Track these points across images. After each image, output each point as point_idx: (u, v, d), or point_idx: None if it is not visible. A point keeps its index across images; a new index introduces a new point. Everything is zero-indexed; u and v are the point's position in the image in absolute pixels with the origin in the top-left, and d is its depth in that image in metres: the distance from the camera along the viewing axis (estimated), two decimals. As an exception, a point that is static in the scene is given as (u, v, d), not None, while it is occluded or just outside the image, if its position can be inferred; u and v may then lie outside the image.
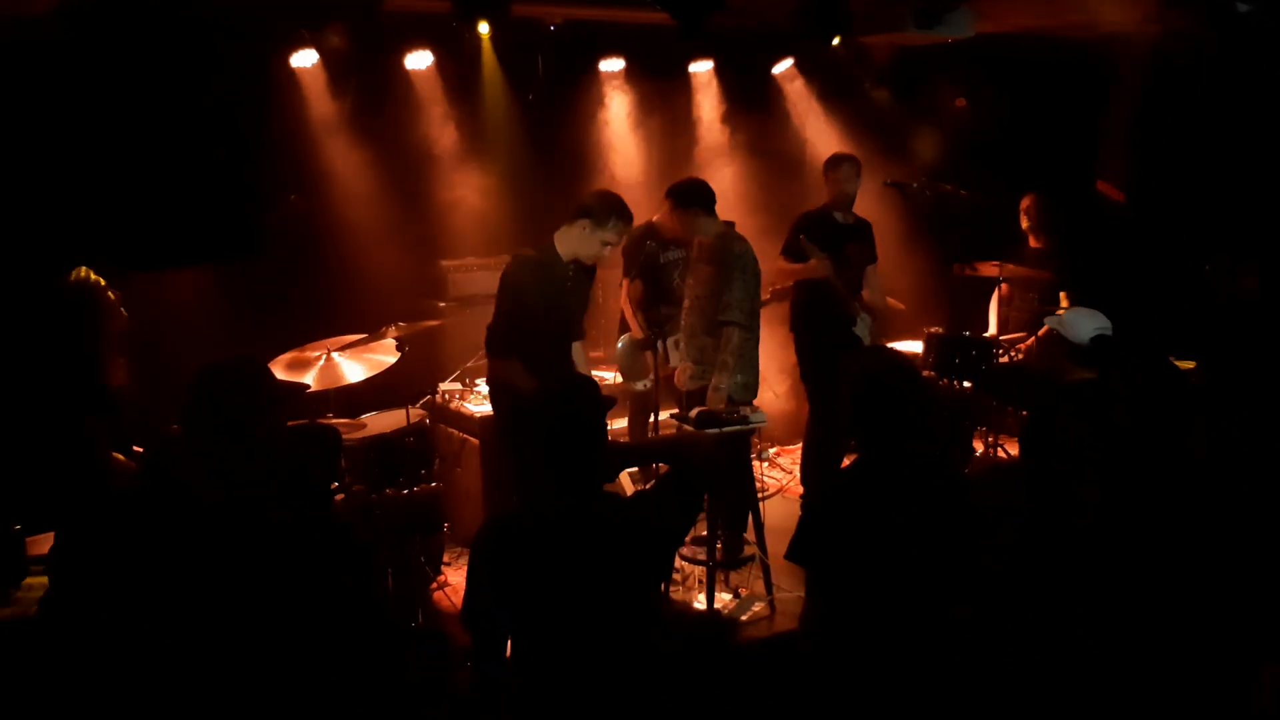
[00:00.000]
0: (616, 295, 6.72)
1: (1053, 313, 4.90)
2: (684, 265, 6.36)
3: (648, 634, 2.99)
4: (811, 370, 6.53)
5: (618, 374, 6.69)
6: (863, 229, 6.63)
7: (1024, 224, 7.39)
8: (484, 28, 6.29)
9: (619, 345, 6.44)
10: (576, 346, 5.61)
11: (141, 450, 4.37)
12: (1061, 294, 6.91)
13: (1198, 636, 3.09)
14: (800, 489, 6.85)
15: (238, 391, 2.89)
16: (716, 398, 5.48)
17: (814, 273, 6.29)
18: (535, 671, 2.96)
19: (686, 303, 5.82)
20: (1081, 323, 4.51)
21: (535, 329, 5.12)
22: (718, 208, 5.76)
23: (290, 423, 3.48)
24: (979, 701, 3.16)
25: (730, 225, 5.76)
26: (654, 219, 6.35)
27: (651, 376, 5.74)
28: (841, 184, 6.41)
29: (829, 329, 6.34)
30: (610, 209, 5.14)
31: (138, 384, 4.83)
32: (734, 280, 5.47)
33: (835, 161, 6.50)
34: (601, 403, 3.18)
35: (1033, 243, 7.34)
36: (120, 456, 4.47)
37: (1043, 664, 3.20)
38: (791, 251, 6.37)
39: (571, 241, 5.20)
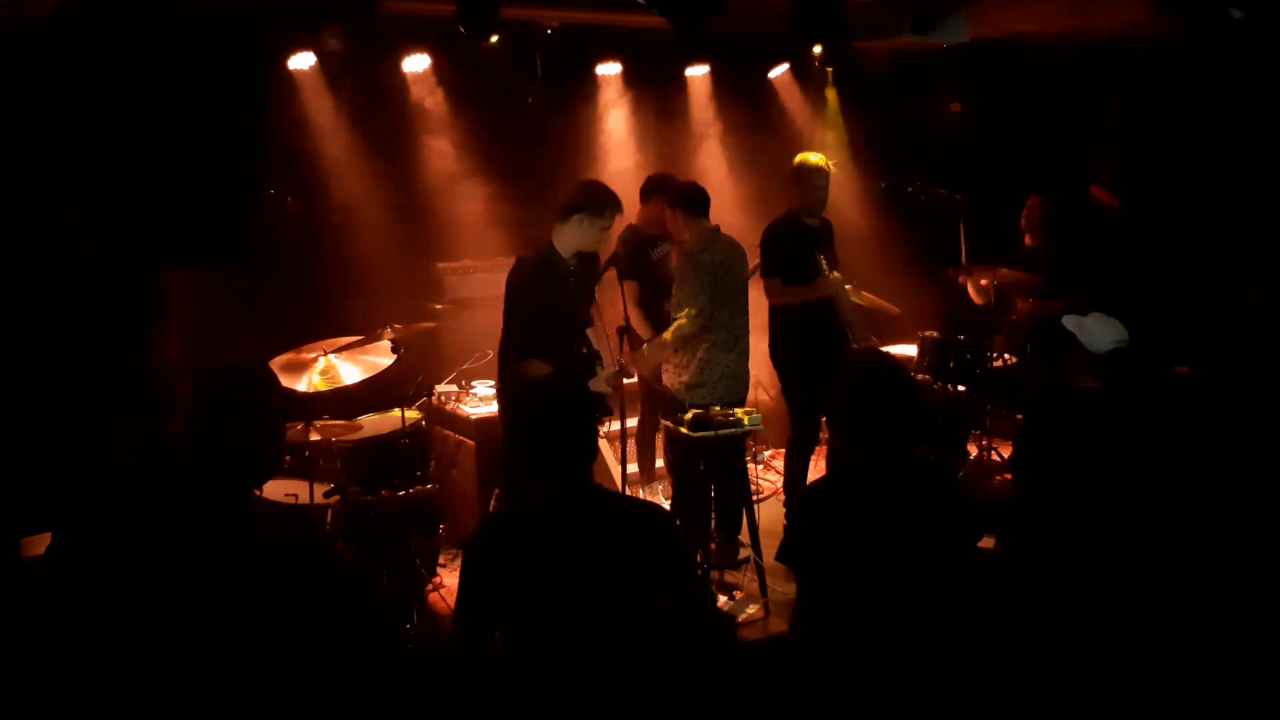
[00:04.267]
0: (613, 299, 6.73)
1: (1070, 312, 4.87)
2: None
3: (644, 630, 3.00)
4: (800, 385, 6.30)
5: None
6: (829, 230, 6.48)
7: (1024, 223, 7.33)
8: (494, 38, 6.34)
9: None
10: (589, 332, 5.70)
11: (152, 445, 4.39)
12: (1076, 298, 6.82)
13: (1195, 640, 3.11)
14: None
15: (246, 397, 2.91)
16: (652, 354, 5.81)
17: (822, 295, 6.23)
18: (529, 668, 2.98)
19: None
20: (1101, 332, 4.48)
21: (549, 326, 5.25)
22: (713, 212, 5.81)
23: None
24: (972, 701, 3.17)
25: (712, 229, 5.77)
26: (634, 221, 6.45)
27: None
28: (818, 191, 6.21)
29: (825, 347, 6.17)
30: (604, 198, 5.33)
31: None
32: (684, 280, 5.71)
33: (810, 167, 6.24)
34: (591, 400, 3.21)
35: (1028, 241, 7.31)
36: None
37: (1038, 664, 3.21)
38: (785, 270, 6.20)
39: (571, 237, 5.34)
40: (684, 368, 5.71)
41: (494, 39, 6.23)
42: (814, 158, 6.39)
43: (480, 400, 6.40)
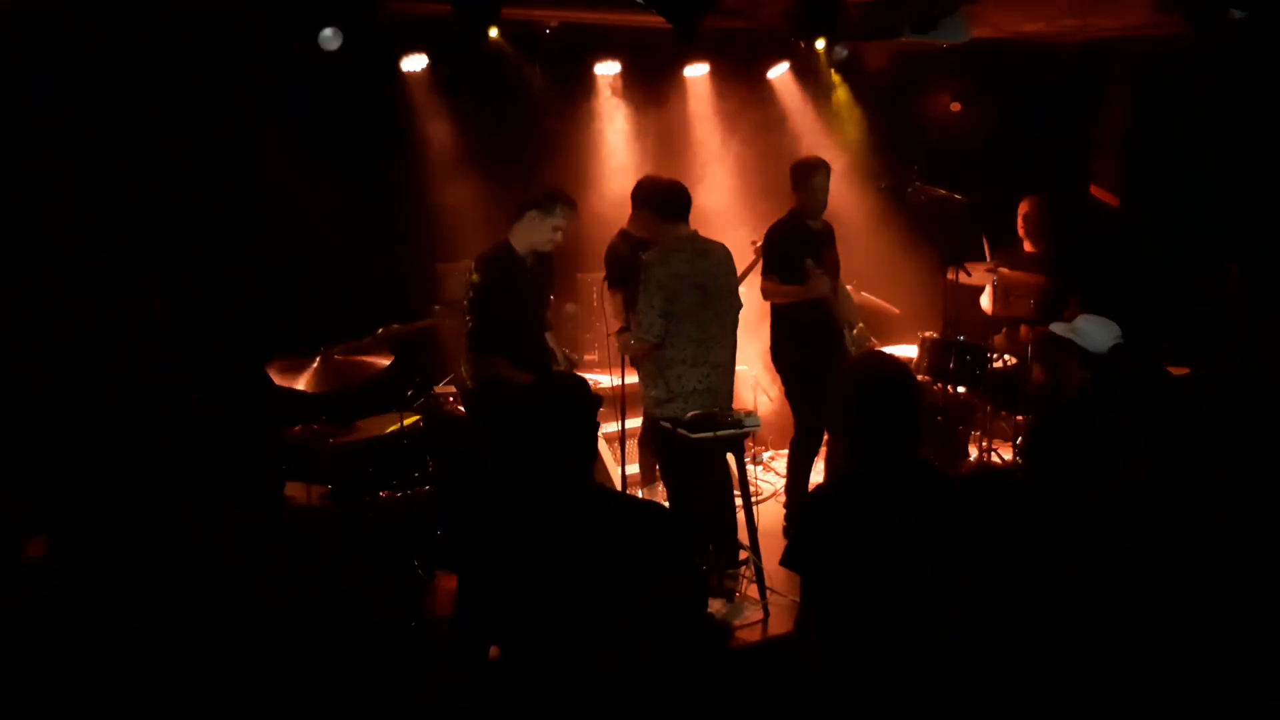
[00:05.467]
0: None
1: (1057, 319, 4.89)
2: None
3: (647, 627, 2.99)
4: (801, 386, 6.30)
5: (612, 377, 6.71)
6: (830, 233, 6.49)
7: (1020, 228, 7.35)
8: (493, 32, 6.33)
9: None
10: (547, 337, 5.71)
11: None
12: (1072, 300, 6.85)
13: (1190, 640, 3.10)
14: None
15: (246, 395, 2.93)
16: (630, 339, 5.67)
17: (814, 293, 6.21)
18: (530, 669, 2.96)
19: None
20: (1098, 333, 4.49)
21: (509, 321, 5.32)
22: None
23: None
24: (974, 705, 3.16)
25: (683, 237, 5.68)
26: (625, 226, 6.47)
27: None
28: (817, 193, 6.22)
29: (822, 348, 6.19)
30: (554, 196, 5.42)
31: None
32: (640, 293, 5.50)
33: (810, 169, 6.26)
34: (593, 398, 3.21)
35: (1028, 247, 7.33)
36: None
37: (1039, 666, 3.20)
38: (781, 270, 6.19)
39: (524, 234, 5.43)
40: (652, 382, 5.63)
41: (494, 33, 6.24)
42: (813, 159, 6.40)
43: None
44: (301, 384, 5.34)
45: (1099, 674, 2.88)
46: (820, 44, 7.11)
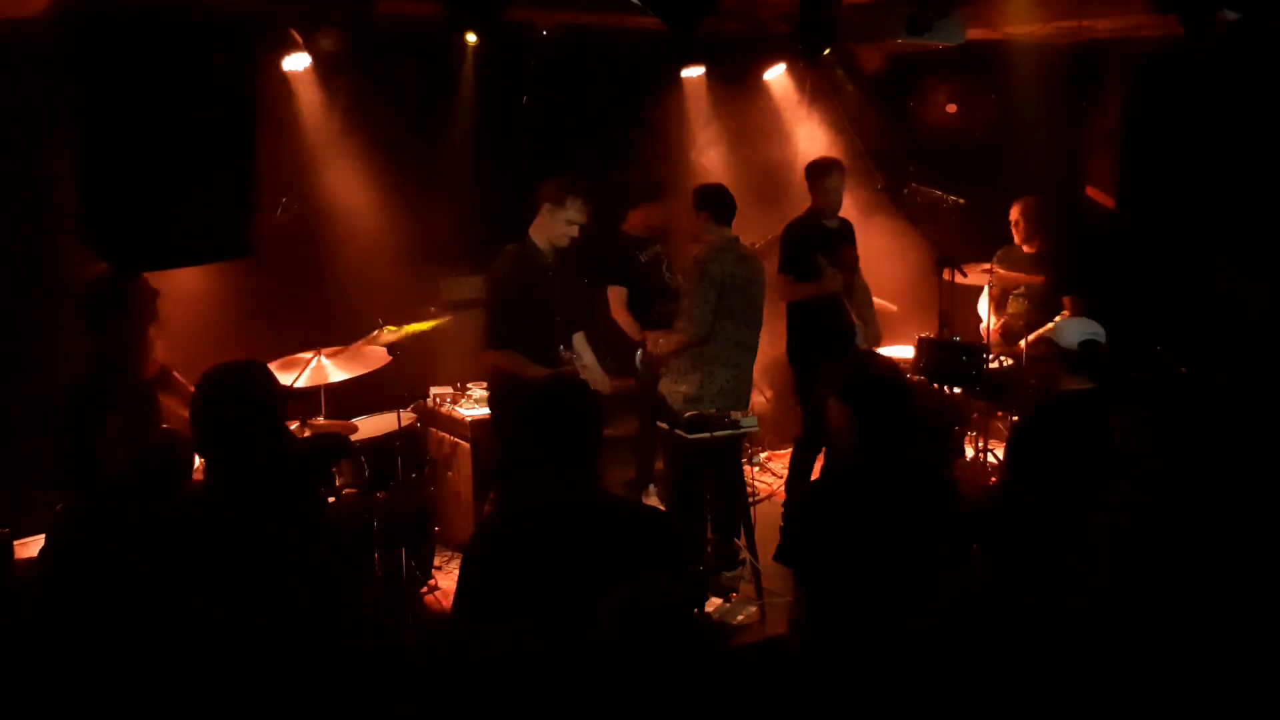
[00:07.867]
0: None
1: (1051, 318, 4.91)
2: (669, 258, 6.49)
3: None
4: (810, 384, 6.25)
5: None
6: (848, 231, 6.56)
7: (1015, 231, 7.34)
8: (471, 37, 6.34)
9: (638, 355, 6.45)
10: (578, 338, 5.69)
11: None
12: (1065, 299, 6.86)
13: (1186, 640, 3.10)
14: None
15: (245, 394, 2.91)
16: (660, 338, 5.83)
17: (827, 290, 6.25)
18: (525, 669, 2.96)
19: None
20: (1070, 328, 4.51)
21: (525, 316, 5.29)
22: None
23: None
24: (967, 703, 3.17)
25: (730, 240, 5.74)
26: (622, 227, 6.49)
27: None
28: (831, 192, 6.31)
29: (834, 344, 6.21)
30: (565, 188, 5.38)
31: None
32: (690, 288, 5.66)
33: (825, 169, 6.37)
34: (596, 401, 3.20)
35: (1026, 249, 7.32)
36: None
37: (1033, 663, 3.21)
38: (796, 268, 6.24)
39: (542, 230, 5.42)
40: (683, 378, 5.67)
41: (471, 39, 6.26)
42: (827, 159, 6.47)
43: (475, 402, 6.39)
44: (297, 384, 5.35)
45: (1098, 674, 2.89)
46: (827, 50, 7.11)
